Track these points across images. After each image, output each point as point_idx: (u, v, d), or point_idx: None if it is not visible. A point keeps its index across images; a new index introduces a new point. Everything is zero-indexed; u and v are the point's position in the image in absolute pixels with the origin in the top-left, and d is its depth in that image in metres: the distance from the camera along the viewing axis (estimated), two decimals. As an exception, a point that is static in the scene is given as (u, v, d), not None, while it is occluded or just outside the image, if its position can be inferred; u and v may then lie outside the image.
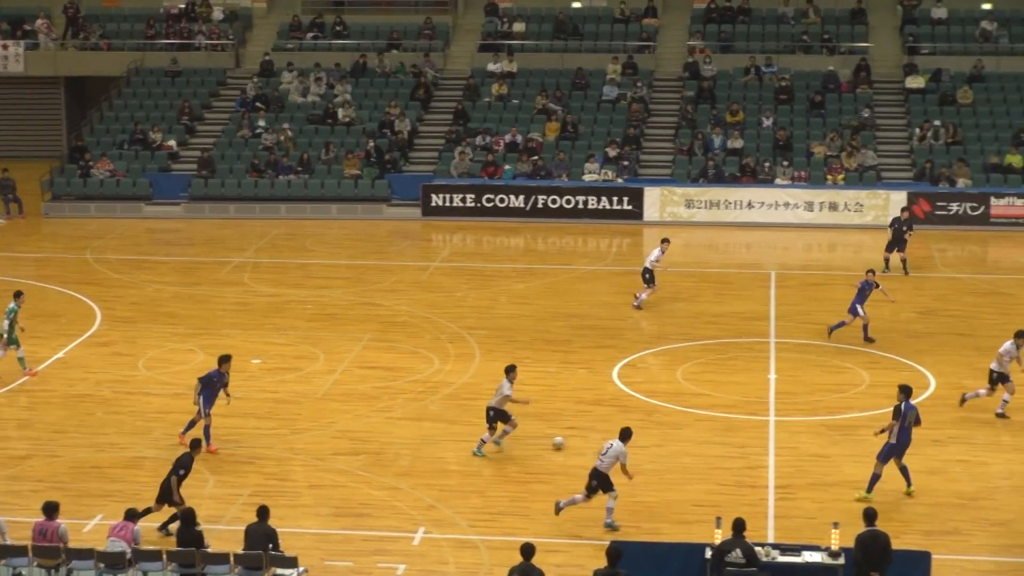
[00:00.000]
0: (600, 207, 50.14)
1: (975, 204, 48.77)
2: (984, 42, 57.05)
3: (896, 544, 21.85)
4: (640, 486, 26.64)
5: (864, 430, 29.63)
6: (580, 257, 45.92)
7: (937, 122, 52.58)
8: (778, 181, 50.47)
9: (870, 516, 21.71)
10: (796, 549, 22.19)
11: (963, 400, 30.95)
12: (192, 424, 28.72)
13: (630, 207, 50.06)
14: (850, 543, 21.58)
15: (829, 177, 50.44)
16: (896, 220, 43.29)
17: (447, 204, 50.67)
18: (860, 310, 35.93)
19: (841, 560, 21.76)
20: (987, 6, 58.84)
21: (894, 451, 26.41)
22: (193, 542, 22.12)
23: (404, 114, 54.82)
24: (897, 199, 48.67)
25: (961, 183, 49.70)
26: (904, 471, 26.59)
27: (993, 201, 48.70)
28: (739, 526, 21.51)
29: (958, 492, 26.73)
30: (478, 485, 27.07)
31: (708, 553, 21.65)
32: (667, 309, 39.03)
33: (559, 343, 35.93)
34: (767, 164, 51.12)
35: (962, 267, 44.12)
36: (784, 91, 55.04)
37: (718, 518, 22.20)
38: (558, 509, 25.25)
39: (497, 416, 28.57)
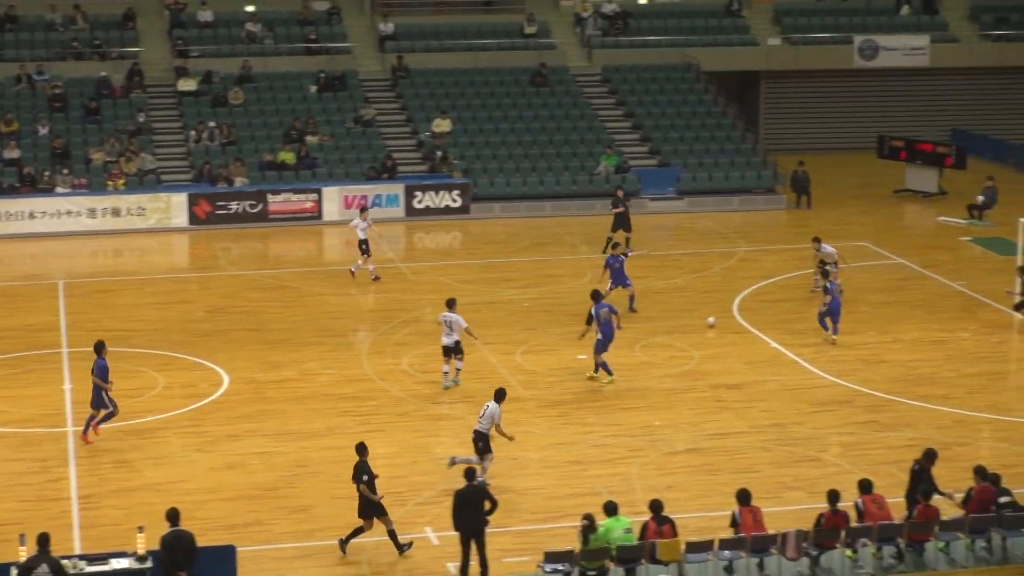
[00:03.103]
0: None
1: (253, 202, 50.21)
2: (250, 43, 58.68)
3: (202, 541, 22.47)
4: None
5: (164, 432, 30.22)
6: None
7: (212, 123, 53.72)
8: (59, 189, 49.98)
9: (173, 517, 22.17)
10: (103, 558, 22.37)
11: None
12: (109, 416, 29.72)
13: (-96, 224, 48.26)
14: (156, 546, 22.00)
15: (110, 183, 50.45)
16: (617, 200, 45.62)
17: None
18: (626, 280, 38.97)
19: (149, 563, 22.12)
20: (251, 8, 60.53)
21: (604, 344, 33.18)
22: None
23: None
24: (178, 201, 49.45)
25: (239, 182, 51.02)
26: (604, 365, 33.18)
27: (270, 198, 50.29)
28: (43, 541, 21.44)
29: (257, 484, 27.69)
30: None
31: (14, 572, 21.49)
32: (-47, 328, 38.10)
33: None
34: (46, 173, 50.48)
35: (246, 264, 45.31)
36: (58, 98, 54.48)
37: (21, 535, 22.03)
38: (452, 462, 27.39)
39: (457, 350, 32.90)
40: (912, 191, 55.50)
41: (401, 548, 24.60)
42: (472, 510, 23.40)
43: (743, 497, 23.93)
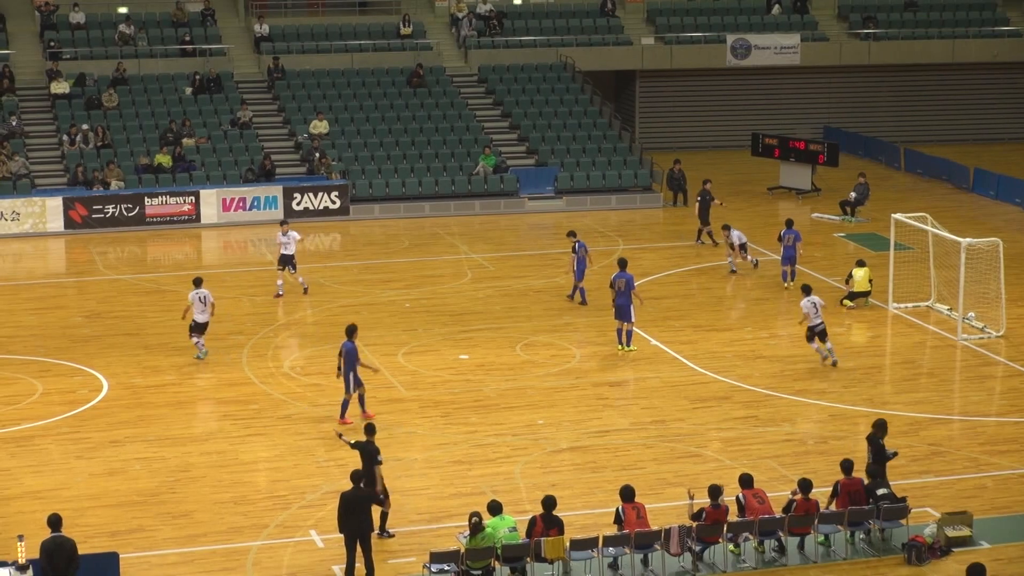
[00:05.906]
0: None
1: (130, 205, 49.71)
2: (124, 45, 58.09)
3: (85, 549, 22.26)
4: None
5: (43, 439, 29.88)
6: None
7: (85, 126, 53.08)
8: (-71, 195, 49.23)
9: (54, 523, 21.90)
10: (-16, 568, 22.15)
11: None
12: (346, 404, 30.55)
13: None
14: (37, 554, 21.76)
15: (-20, 188, 49.79)
16: (704, 193, 47.89)
17: None
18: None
19: (30, 573, 21.88)
20: (123, 10, 59.94)
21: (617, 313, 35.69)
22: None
23: None
24: (53, 205, 48.84)
25: (115, 185, 50.48)
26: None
27: (147, 201, 49.81)
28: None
29: (139, 490, 27.46)
30: None
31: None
32: None
33: None
34: (-85, 178, 49.71)
35: (123, 268, 44.85)
36: (-74, 102, 53.68)
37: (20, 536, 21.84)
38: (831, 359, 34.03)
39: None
40: (786, 188, 56.21)
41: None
42: (358, 513, 23.40)
43: (627, 494, 24.14)
